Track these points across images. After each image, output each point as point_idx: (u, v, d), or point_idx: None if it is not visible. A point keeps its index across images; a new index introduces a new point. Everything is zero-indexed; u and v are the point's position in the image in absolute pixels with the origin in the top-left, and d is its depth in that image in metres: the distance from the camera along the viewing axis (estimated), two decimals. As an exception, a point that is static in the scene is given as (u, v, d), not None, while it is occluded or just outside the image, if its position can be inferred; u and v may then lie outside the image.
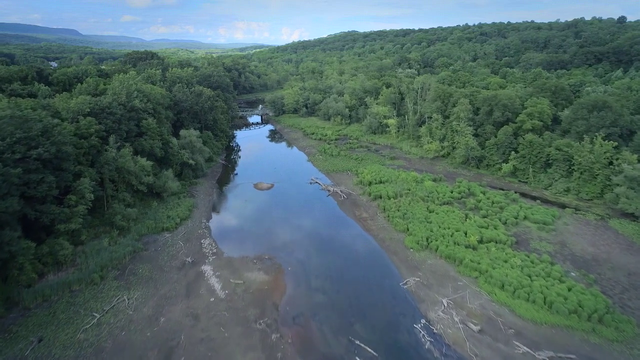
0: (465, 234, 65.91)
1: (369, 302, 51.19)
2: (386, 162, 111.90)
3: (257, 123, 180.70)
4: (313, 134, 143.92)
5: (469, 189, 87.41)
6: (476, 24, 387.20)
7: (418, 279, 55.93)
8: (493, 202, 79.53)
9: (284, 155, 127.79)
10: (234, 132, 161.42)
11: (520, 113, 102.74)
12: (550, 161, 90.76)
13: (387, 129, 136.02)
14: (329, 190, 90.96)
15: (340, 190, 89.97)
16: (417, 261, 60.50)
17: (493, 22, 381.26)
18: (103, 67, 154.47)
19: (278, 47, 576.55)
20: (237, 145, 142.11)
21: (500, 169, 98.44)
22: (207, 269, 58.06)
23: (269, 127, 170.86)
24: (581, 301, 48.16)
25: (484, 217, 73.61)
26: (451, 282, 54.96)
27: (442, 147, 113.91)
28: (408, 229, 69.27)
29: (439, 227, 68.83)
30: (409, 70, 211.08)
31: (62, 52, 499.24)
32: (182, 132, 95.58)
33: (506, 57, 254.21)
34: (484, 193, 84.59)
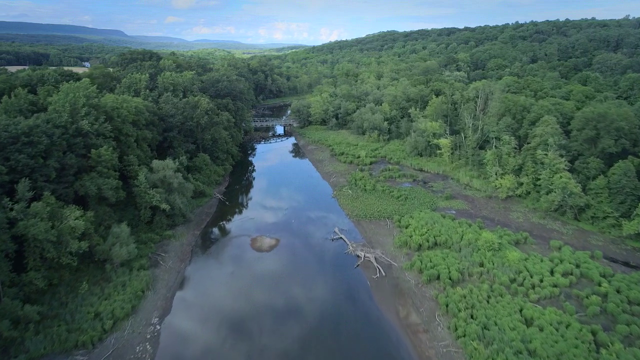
0: (610, 393, 35.22)
1: None
2: (439, 202, 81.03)
3: (279, 135, 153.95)
4: (342, 154, 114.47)
5: (577, 265, 55.69)
6: (528, 21, 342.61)
7: None
8: (629, 300, 47.83)
9: (303, 185, 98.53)
10: (254, 144, 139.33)
11: (645, 141, 70.16)
12: None
13: (439, 151, 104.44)
14: (358, 257, 61.57)
15: (375, 257, 60.35)
16: None
17: (547, 20, 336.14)
18: (87, 69, 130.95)
19: (314, 47, 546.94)
20: (247, 167, 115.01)
21: (616, 225, 65.70)
22: None
23: (292, 140, 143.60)
24: None
25: (625, 337, 42.29)
26: None
27: (518, 183, 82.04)
28: (495, 368, 39.02)
29: (555, 369, 38.18)
30: (458, 73, 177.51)
31: (100, 52, 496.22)
32: (155, 163, 68.82)
33: (572, 57, 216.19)
34: (605, 277, 52.74)
